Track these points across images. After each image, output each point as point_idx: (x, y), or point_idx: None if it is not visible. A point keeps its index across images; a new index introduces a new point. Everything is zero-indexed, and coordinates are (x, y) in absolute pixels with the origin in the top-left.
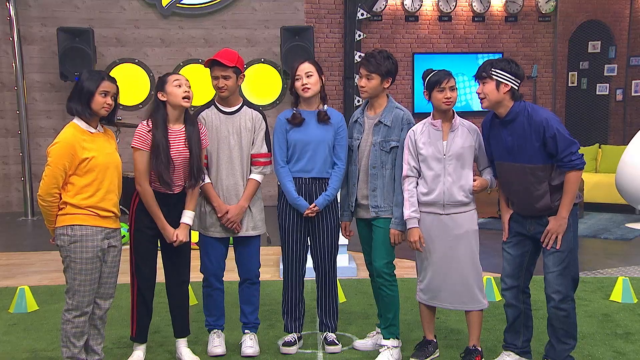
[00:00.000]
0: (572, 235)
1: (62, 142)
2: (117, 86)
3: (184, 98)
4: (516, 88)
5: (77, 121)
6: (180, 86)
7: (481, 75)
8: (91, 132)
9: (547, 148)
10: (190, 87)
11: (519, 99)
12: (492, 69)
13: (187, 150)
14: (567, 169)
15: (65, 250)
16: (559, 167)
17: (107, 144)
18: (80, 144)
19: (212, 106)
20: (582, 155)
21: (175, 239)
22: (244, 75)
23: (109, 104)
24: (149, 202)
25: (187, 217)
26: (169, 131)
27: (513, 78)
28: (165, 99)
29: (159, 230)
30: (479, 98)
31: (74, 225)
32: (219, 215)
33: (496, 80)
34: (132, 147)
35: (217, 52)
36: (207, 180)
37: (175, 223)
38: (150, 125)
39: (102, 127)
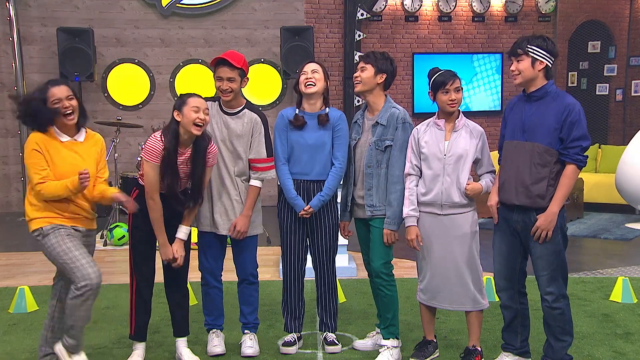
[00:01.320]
0: (559, 237)
1: (29, 142)
2: (67, 85)
3: (195, 124)
4: (550, 66)
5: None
6: (197, 112)
7: (516, 52)
8: (61, 141)
9: (562, 133)
10: (208, 114)
11: (551, 77)
12: (529, 46)
13: (190, 172)
14: (568, 160)
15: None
16: (562, 155)
17: (76, 154)
18: (46, 146)
19: (218, 102)
20: (587, 156)
21: (171, 257)
22: (247, 79)
23: (66, 107)
24: (157, 217)
25: (183, 232)
26: (178, 151)
27: (548, 55)
28: (179, 120)
29: None
30: (512, 75)
31: (42, 227)
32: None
33: (532, 57)
34: (142, 158)
35: (223, 53)
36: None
37: (170, 220)
38: (163, 140)
39: (86, 130)
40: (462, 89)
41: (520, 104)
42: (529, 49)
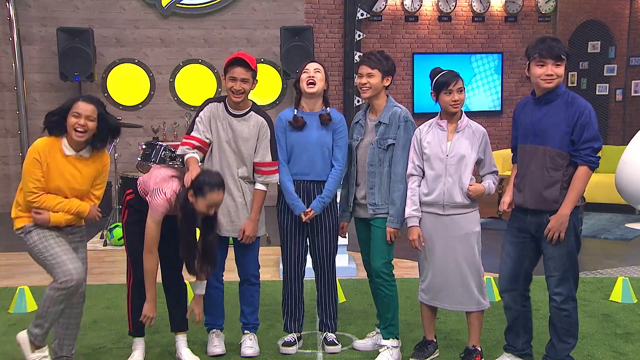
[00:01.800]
0: (572, 239)
1: (32, 149)
2: (97, 107)
3: (204, 214)
4: None
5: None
6: (210, 208)
7: (560, 56)
8: (65, 154)
9: (573, 135)
10: (219, 207)
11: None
12: (565, 51)
13: (201, 237)
14: (580, 162)
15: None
16: (574, 157)
17: (75, 170)
18: (46, 157)
19: (223, 102)
20: (600, 157)
21: (151, 315)
22: (256, 81)
23: (81, 124)
24: (151, 270)
25: (201, 288)
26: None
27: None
28: (191, 201)
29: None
30: (546, 79)
31: (25, 224)
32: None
33: (565, 62)
34: (150, 216)
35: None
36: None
37: (172, 237)
38: (172, 205)
39: (90, 151)
40: (464, 89)
41: (529, 107)
42: (566, 55)
